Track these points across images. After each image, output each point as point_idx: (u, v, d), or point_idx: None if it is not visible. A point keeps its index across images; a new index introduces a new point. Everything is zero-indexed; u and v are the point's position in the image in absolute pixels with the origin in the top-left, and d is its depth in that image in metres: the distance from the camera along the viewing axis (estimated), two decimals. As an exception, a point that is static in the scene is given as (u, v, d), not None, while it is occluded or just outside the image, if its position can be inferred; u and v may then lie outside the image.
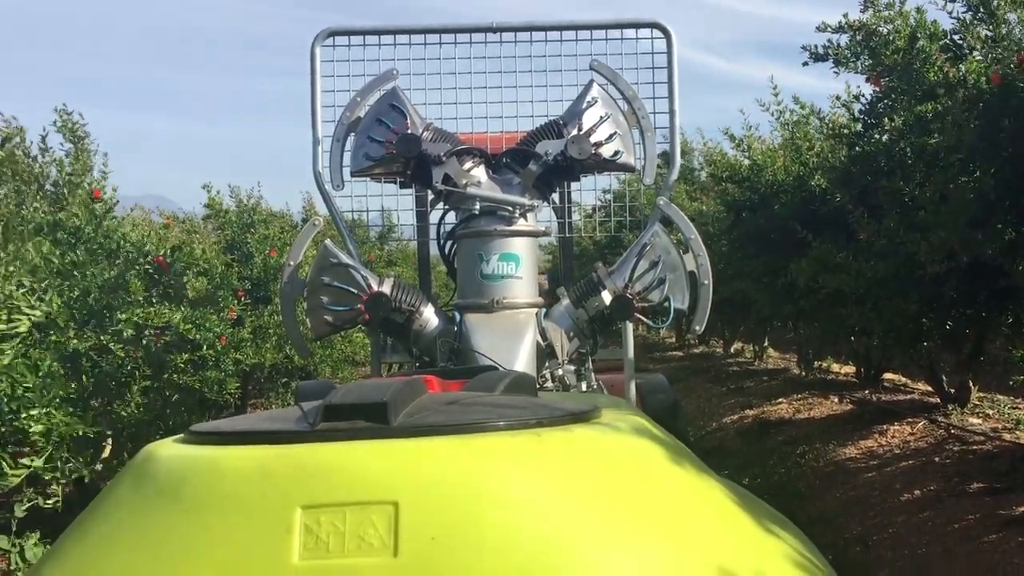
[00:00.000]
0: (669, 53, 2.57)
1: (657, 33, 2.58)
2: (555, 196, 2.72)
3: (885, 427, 5.23)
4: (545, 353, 2.32)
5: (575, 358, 2.44)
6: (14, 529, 3.80)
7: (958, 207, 3.37)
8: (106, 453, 4.76)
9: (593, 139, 2.38)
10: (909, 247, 3.73)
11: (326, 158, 2.52)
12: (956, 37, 3.74)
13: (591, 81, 2.48)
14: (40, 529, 4.01)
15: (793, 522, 1.38)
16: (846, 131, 5.14)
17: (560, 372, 2.36)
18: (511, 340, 2.22)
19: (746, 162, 6.71)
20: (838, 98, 5.12)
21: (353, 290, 2.30)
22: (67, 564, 0.97)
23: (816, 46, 4.24)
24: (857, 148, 4.89)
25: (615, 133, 2.43)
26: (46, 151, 6.04)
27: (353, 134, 2.48)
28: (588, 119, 2.40)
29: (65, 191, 5.47)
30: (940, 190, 3.58)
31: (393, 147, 2.33)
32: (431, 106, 2.54)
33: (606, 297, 2.34)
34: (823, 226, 5.10)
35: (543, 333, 2.33)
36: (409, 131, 2.34)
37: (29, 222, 4.33)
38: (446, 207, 2.50)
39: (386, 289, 2.31)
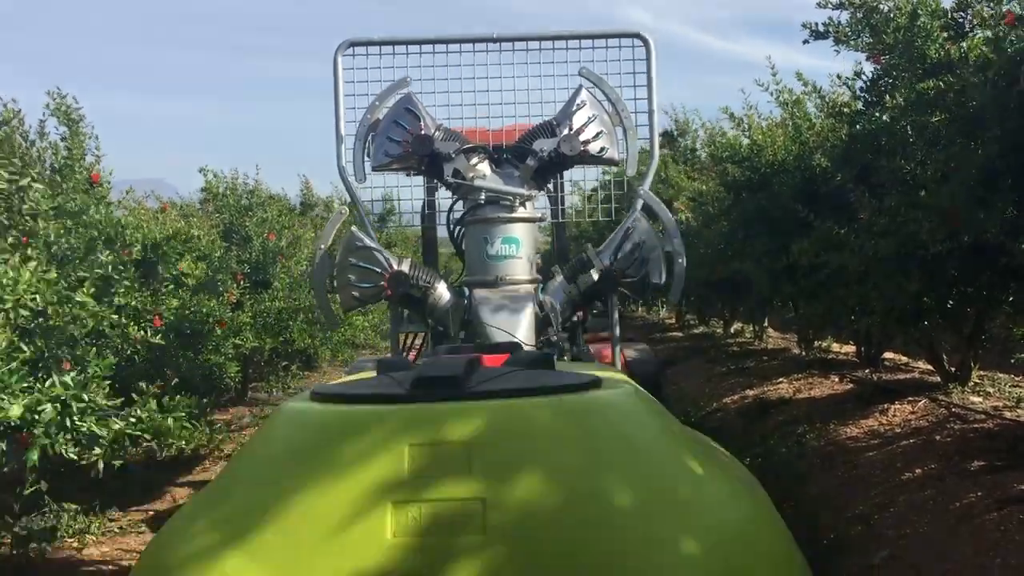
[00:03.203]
0: (648, 60, 3.02)
1: (638, 43, 3.00)
2: (550, 186, 3.08)
3: (886, 406, 5.23)
4: (542, 322, 2.65)
5: (568, 327, 2.78)
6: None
7: (959, 185, 3.35)
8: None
9: (582, 137, 2.77)
10: (911, 225, 3.72)
11: (348, 154, 2.86)
12: (957, 15, 3.71)
13: (580, 86, 2.86)
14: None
15: (795, 500, 2.33)
16: (846, 109, 5.11)
17: (555, 338, 2.64)
18: (513, 312, 2.55)
19: (745, 141, 6.68)
20: (839, 76, 5.08)
21: (377, 269, 2.68)
22: (243, 482, 1.38)
23: (816, 23, 4.21)
24: (858, 126, 4.87)
25: (601, 131, 2.83)
26: (44, 135, 5.99)
27: (373, 134, 2.82)
28: (577, 120, 2.80)
29: (59, 177, 5.43)
30: (941, 168, 3.56)
31: (409, 146, 2.70)
32: (440, 107, 2.92)
33: (594, 274, 2.73)
34: (824, 205, 5.08)
35: (541, 305, 2.68)
36: (423, 132, 2.69)
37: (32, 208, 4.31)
38: (455, 197, 2.87)
39: (405, 268, 2.69)
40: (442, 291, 2.70)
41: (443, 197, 3.02)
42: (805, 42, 4.22)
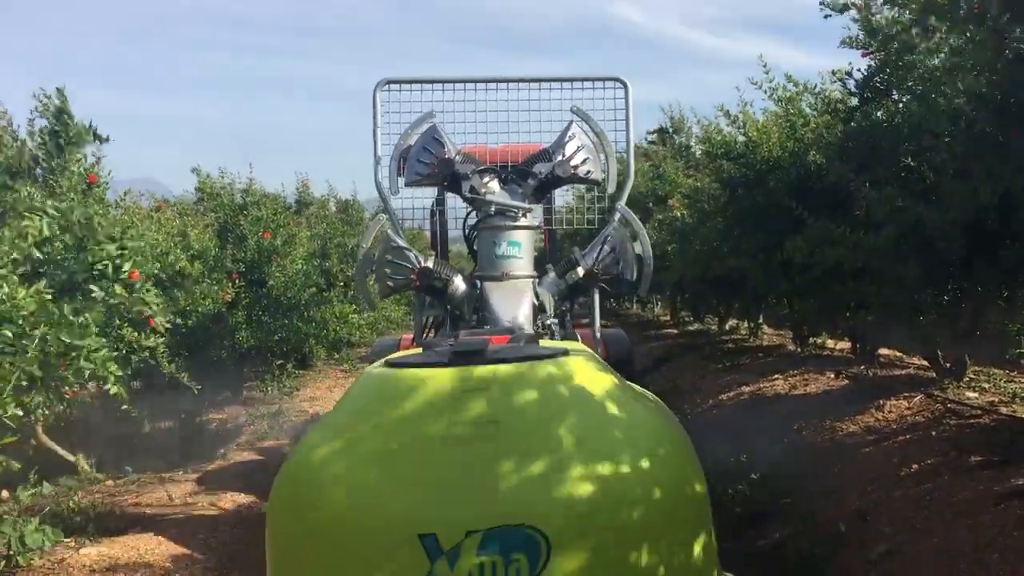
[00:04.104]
0: (626, 99, 3.63)
1: (619, 85, 3.63)
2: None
3: (882, 402, 5.23)
4: (538, 309, 3.26)
5: (559, 314, 3.41)
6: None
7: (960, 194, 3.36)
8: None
9: (572, 162, 3.40)
10: (909, 215, 3.72)
11: (384, 171, 3.49)
12: None
13: (571, 121, 3.49)
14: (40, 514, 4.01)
15: (792, 497, 3.38)
16: (841, 105, 5.12)
17: (549, 322, 3.28)
18: (515, 300, 3.18)
19: (741, 138, 6.68)
20: (833, 72, 5.07)
21: (408, 265, 3.27)
22: (350, 416, 2.01)
23: None
24: (852, 123, 4.88)
25: (587, 158, 3.44)
26: (33, 135, 5.96)
27: (404, 156, 3.46)
28: (569, 148, 3.41)
29: (51, 179, 5.39)
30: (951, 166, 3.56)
31: (435, 167, 3.35)
32: (458, 133, 3.59)
33: (580, 272, 3.32)
34: (819, 203, 5.08)
35: (537, 296, 3.28)
36: (446, 156, 3.34)
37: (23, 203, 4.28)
38: (470, 209, 3.52)
39: (430, 264, 3.27)
40: (459, 283, 3.32)
41: (451, 207, 3.82)
42: (826, 16, 4.25)
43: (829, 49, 5.41)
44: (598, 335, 3.56)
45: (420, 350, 2.31)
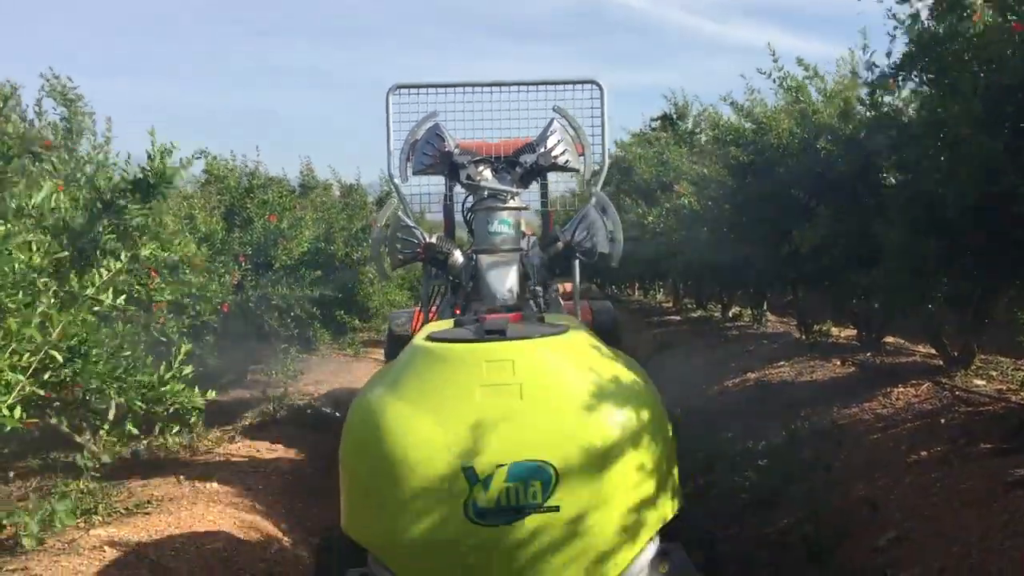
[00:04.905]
0: (601, 98, 4.22)
1: (595, 87, 4.21)
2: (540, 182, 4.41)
3: (889, 389, 5.24)
4: (523, 277, 3.77)
5: (541, 282, 3.90)
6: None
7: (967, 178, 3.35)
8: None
9: (553, 153, 3.98)
10: (928, 194, 3.70)
11: (395, 162, 4.09)
12: None
13: (552, 119, 4.06)
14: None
15: (801, 484, 4.10)
16: (854, 97, 5.09)
17: (535, 288, 3.81)
18: (505, 270, 3.72)
19: (748, 125, 6.66)
20: (852, 51, 4.99)
21: (415, 240, 3.86)
22: (403, 374, 2.47)
23: None
24: (869, 113, 4.85)
25: (566, 149, 4.02)
26: (41, 115, 5.94)
27: (411, 150, 4.04)
28: (550, 141, 4.00)
29: (55, 160, 5.35)
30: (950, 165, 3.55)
31: (437, 159, 3.98)
32: (458, 130, 4.17)
33: (560, 245, 3.81)
34: (829, 191, 5.07)
35: (524, 266, 3.79)
36: (447, 149, 3.96)
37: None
38: (467, 193, 4.07)
39: (434, 240, 3.88)
40: (458, 256, 3.89)
41: (457, 202, 4.33)
42: None
43: (829, 36, 5.42)
44: (580, 303, 4.16)
45: (452, 324, 2.85)
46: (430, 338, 2.57)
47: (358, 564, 2.46)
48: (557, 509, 2.18)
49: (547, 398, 2.29)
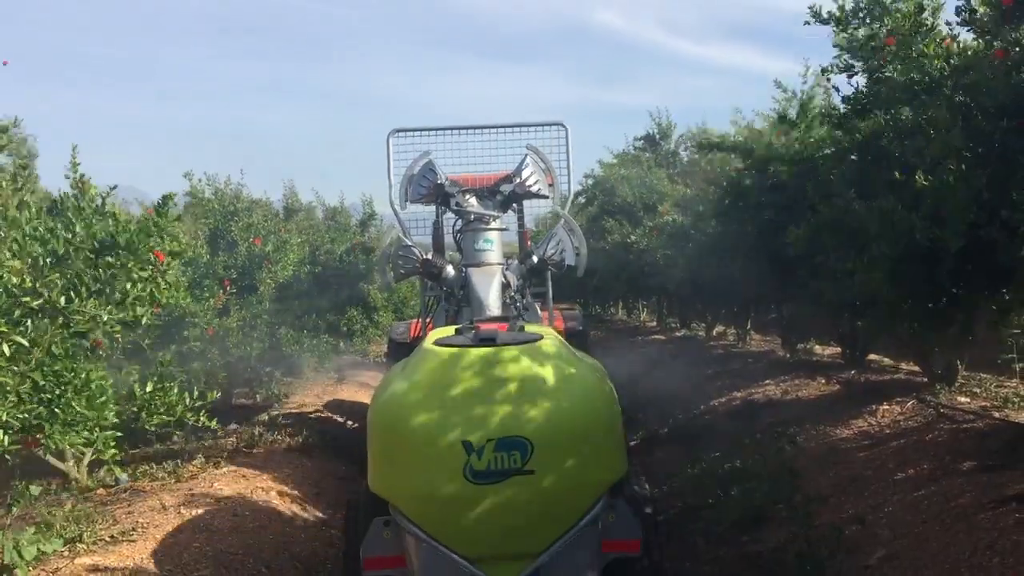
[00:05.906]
0: (566, 137, 5.23)
1: (561, 128, 5.25)
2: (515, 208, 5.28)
3: (874, 407, 5.27)
4: (505, 287, 4.44)
5: (520, 290, 4.60)
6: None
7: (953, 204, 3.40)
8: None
9: (528, 183, 4.71)
10: (901, 225, 3.76)
11: (395, 192, 4.92)
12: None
13: (526, 154, 4.79)
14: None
15: (789, 503, 4.38)
16: (835, 112, 5.15)
17: (513, 295, 4.48)
18: (489, 281, 4.39)
19: (734, 130, 6.76)
20: (827, 77, 5.07)
21: (413, 258, 4.61)
22: (416, 371, 3.06)
23: (820, 7, 4.36)
24: (846, 130, 4.91)
25: (538, 179, 4.76)
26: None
27: (408, 184, 4.80)
28: (525, 173, 4.72)
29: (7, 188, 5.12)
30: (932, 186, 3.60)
31: (431, 190, 4.70)
32: (448, 165, 4.99)
33: (534, 259, 4.58)
34: (820, 196, 5.11)
35: (505, 277, 4.47)
36: (439, 182, 4.67)
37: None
38: (457, 218, 4.76)
39: (429, 257, 4.61)
40: (450, 270, 4.61)
41: (449, 217, 5.04)
42: (806, 23, 4.43)
43: (803, 55, 5.81)
44: (553, 312, 5.18)
45: (453, 331, 3.33)
46: (437, 343, 3.17)
47: (381, 515, 3.04)
48: (533, 472, 2.79)
49: (526, 390, 2.88)
